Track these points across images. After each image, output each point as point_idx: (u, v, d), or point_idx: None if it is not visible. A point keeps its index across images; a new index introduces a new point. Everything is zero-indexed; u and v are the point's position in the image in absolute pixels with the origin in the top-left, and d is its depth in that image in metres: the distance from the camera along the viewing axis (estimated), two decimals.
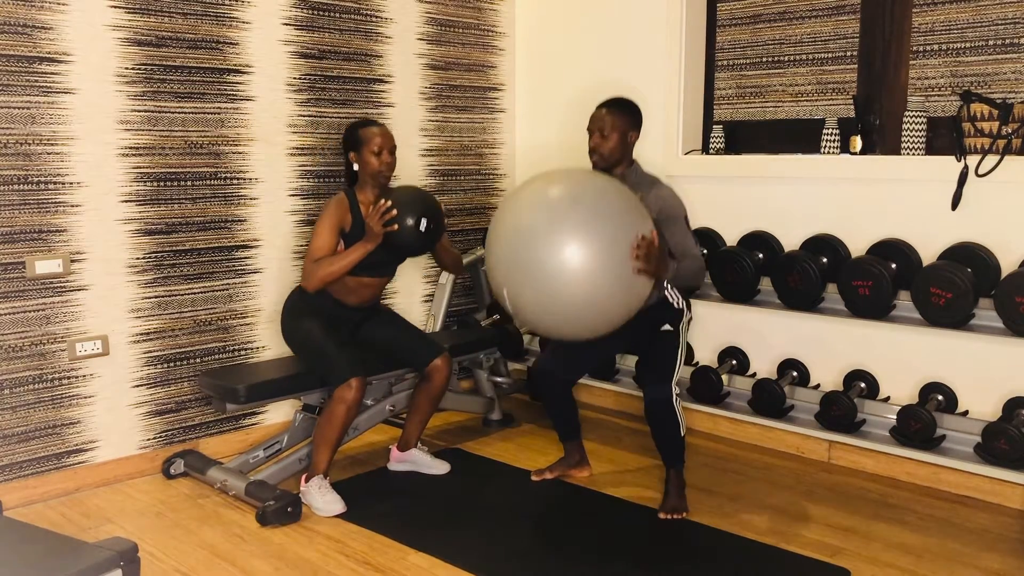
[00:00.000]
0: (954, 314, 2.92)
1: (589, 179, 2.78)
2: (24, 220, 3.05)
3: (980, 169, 2.98)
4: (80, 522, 2.99)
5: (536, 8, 4.48)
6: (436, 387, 3.33)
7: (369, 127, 3.19)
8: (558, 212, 2.62)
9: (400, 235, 3.04)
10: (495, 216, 2.82)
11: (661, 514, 2.99)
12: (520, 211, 2.71)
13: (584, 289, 2.59)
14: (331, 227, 3.10)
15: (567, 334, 2.83)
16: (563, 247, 2.55)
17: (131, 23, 3.22)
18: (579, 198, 2.65)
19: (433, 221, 3.09)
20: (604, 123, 2.98)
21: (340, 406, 3.03)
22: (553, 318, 2.70)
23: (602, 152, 2.98)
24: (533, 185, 2.78)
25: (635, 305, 2.74)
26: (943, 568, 2.67)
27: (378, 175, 3.16)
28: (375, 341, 3.33)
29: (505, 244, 2.69)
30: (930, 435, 3.06)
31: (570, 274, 2.56)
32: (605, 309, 2.68)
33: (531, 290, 2.64)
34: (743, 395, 3.59)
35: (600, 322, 2.72)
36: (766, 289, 3.44)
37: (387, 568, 2.66)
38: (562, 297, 2.61)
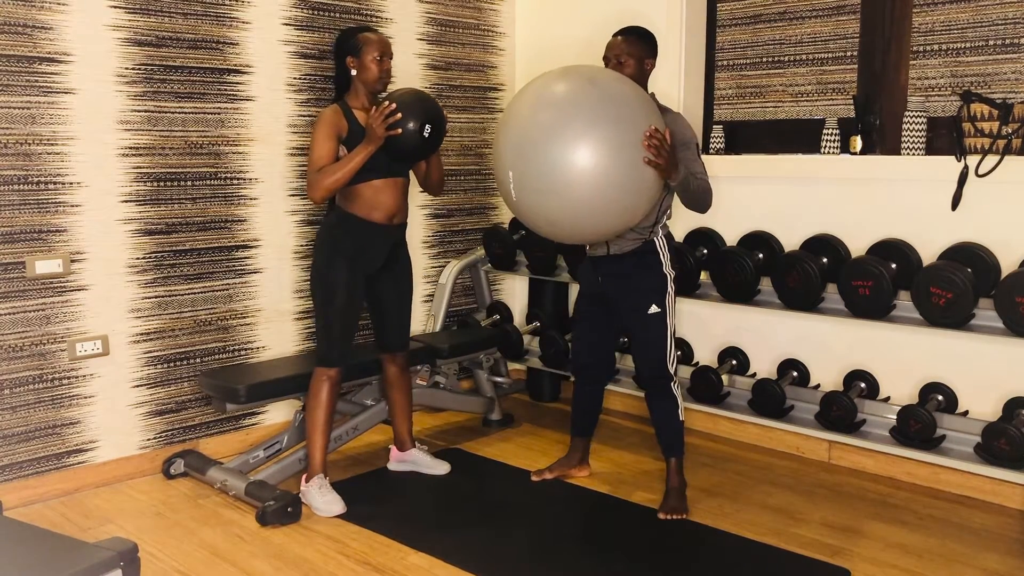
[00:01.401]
0: (954, 314, 2.92)
1: (604, 71, 2.76)
2: (24, 220, 3.05)
3: (980, 169, 2.98)
4: (80, 522, 2.99)
5: (536, 8, 4.48)
6: (393, 376, 3.34)
7: (368, 32, 3.07)
8: (571, 97, 2.57)
9: (402, 139, 2.94)
10: (508, 105, 2.75)
11: (661, 514, 3.00)
12: (533, 97, 2.65)
13: (592, 174, 2.51)
14: (328, 135, 2.99)
15: (567, 228, 2.71)
16: (574, 130, 2.49)
17: (131, 23, 3.22)
18: (594, 83, 2.61)
19: (436, 127, 3.00)
20: (620, 50, 2.93)
21: (324, 383, 3.08)
22: (557, 205, 2.59)
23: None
24: (550, 73, 2.73)
25: (640, 204, 2.66)
26: (943, 568, 2.67)
27: (376, 82, 3.06)
28: (379, 300, 3.26)
29: (516, 128, 2.62)
30: (930, 435, 3.06)
31: (580, 156, 2.49)
32: (611, 199, 2.58)
33: (538, 174, 2.55)
34: (743, 395, 3.59)
35: (604, 216, 2.63)
36: (766, 289, 3.43)
37: (387, 568, 2.66)
38: (570, 181, 2.52)
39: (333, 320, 3.08)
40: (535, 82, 2.73)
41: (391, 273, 3.22)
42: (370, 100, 3.09)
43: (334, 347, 3.09)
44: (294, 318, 3.77)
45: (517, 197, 2.64)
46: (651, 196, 2.68)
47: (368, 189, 3.04)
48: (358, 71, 3.05)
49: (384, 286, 3.23)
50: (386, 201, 3.09)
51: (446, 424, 4.04)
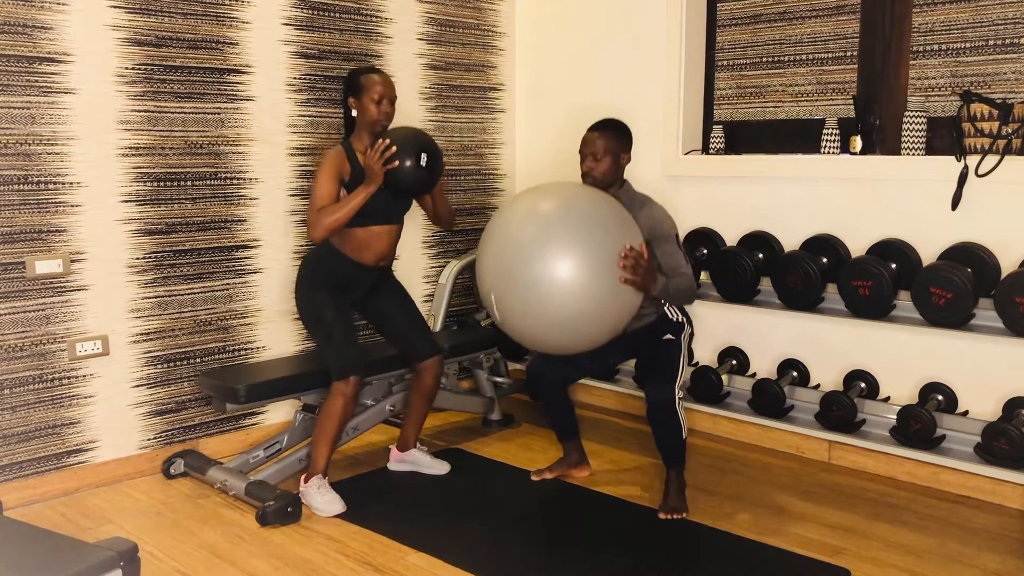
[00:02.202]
0: (954, 314, 2.92)
1: (580, 190, 2.81)
2: (24, 220, 3.05)
3: (980, 169, 2.98)
4: (80, 522, 2.99)
5: (536, 8, 4.48)
6: (428, 385, 3.33)
7: (371, 74, 3.10)
8: (548, 220, 2.66)
9: (401, 172, 2.98)
10: (487, 227, 2.83)
11: (661, 514, 2.99)
12: (511, 220, 2.75)
13: (571, 297, 2.62)
14: (331, 176, 3.02)
15: (553, 345, 2.85)
16: (551, 253, 2.59)
17: (131, 23, 3.22)
18: (570, 207, 2.69)
19: (431, 155, 3.04)
20: (596, 146, 2.97)
21: (339, 399, 3.05)
22: (539, 326, 2.72)
23: (595, 175, 2.98)
24: (525, 196, 2.82)
25: (623, 317, 2.76)
26: (943, 568, 2.67)
27: (376, 124, 3.08)
28: (382, 315, 3.29)
29: (495, 251, 2.72)
30: (930, 435, 3.06)
31: (557, 281, 2.60)
32: (591, 319, 2.70)
33: (518, 297, 2.66)
34: (743, 395, 3.59)
35: (586, 333, 2.75)
36: (766, 289, 3.44)
37: (387, 568, 2.66)
38: (549, 304, 2.63)
39: (330, 331, 3.09)
40: (514, 204, 2.82)
41: (381, 293, 3.29)
42: (372, 142, 3.11)
43: (342, 354, 3.08)
44: (294, 318, 3.77)
45: (501, 317, 2.76)
46: (632, 309, 2.78)
47: (364, 232, 3.10)
48: (358, 112, 3.10)
49: (381, 306, 3.29)
50: (378, 246, 3.15)
51: (446, 424, 4.04)
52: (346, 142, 3.12)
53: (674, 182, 3.91)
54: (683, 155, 3.90)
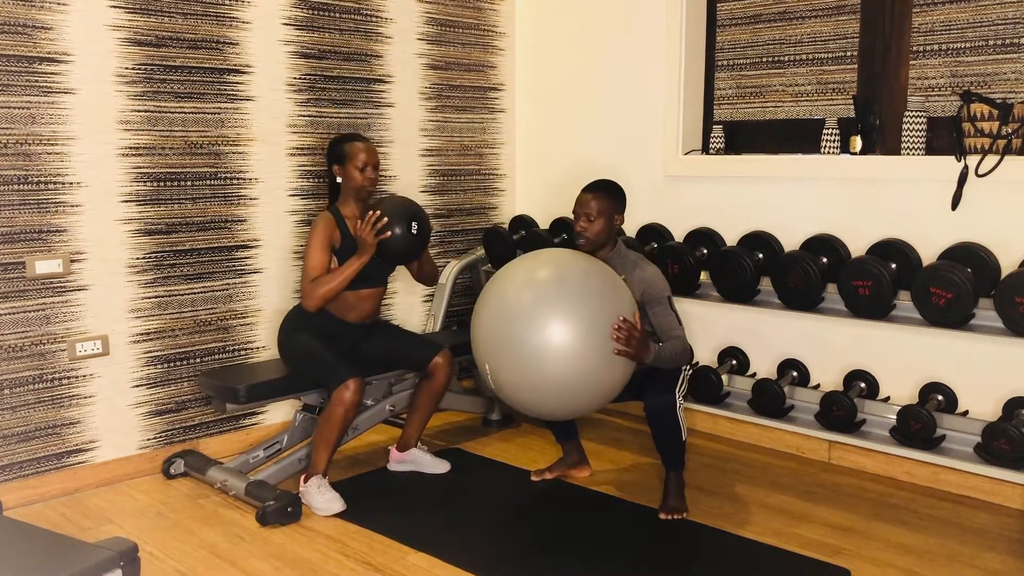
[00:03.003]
0: (954, 314, 2.92)
1: (572, 260, 2.82)
2: (24, 220, 3.05)
3: (980, 169, 2.98)
4: (80, 522, 2.99)
5: (536, 8, 4.48)
6: (438, 384, 3.34)
7: (354, 142, 3.21)
8: (541, 291, 2.69)
9: (393, 242, 3.10)
10: (480, 295, 2.86)
11: (661, 514, 2.99)
12: (504, 290, 2.77)
13: (565, 367, 2.64)
14: (322, 245, 3.12)
15: (548, 412, 2.89)
16: (545, 325, 2.62)
17: (131, 23, 3.22)
18: (562, 277, 2.72)
19: (420, 222, 3.17)
20: (591, 208, 2.99)
21: (339, 408, 3.04)
22: (534, 395, 2.74)
23: (589, 236, 3.00)
24: (518, 265, 2.85)
25: (617, 386, 2.79)
26: (943, 568, 2.67)
27: (361, 190, 3.19)
28: (375, 353, 3.35)
29: (488, 321, 2.75)
30: (930, 435, 3.05)
31: (551, 351, 2.63)
32: (586, 389, 2.73)
33: (512, 367, 2.69)
34: (743, 395, 3.59)
35: (581, 401, 2.78)
36: (766, 289, 3.43)
37: (387, 568, 2.66)
38: (543, 374, 2.66)
39: (318, 352, 3.13)
40: (507, 274, 2.84)
41: (372, 335, 3.35)
42: (359, 207, 3.20)
43: (335, 366, 3.09)
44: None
45: (495, 385, 2.78)
46: (625, 379, 2.80)
47: (352, 295, 3.19)
48: (343, 179, 3.20)
49: (374, 345, 3.34)
50: (364, 307, 3.27)
51: (446, 424, 4.04)
52: (333, 208, 3.21)
53: (674, 182, 3.91)
54: (683, 155, 3.90)
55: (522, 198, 4.65)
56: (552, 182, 4.41)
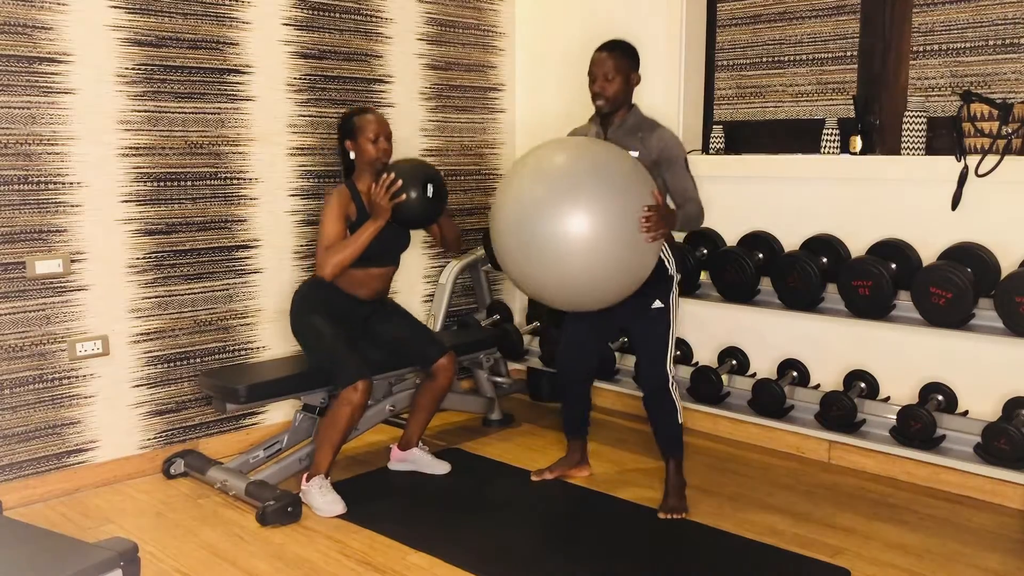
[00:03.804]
0: (954, 314, 2.92)
1: (589, 150, 2.73)
2: (24, 220, 3.05)
3: (980, 169, 2.98)
4: (80, 522, 2.99)
5: (536, 8, 4.48)
6: (440, 386, 3.34)
7: (364, 115, 3.18)
8: (563, 189, 2.60)
9: (408, 205, 3.05)
10: (498, 188, 2.80)
11: (661, 514, 2.99)
12: (524, 184, 2.69)
13: (597, 264, 2.59)
14: (337, 216, 3.09)
15: (580, 304, 2.85)
16: (572, 227, 2.54)
17: (131, 23, 3.22)
18: (582, 173, 2.62)
19: (437, 185, 3.11)
20: (607, 66, 2.91)
21: (345, 408, 3.04)
22: (568, 292, 2.71)
23: (607, 96, 2.93)
24: (535, 157, 2.75)
25: (648, 267, 2.75)
26: (943, 568, 2.67)
27: (375, 162, 3.15)
28: (383, 336, 3.32)
29: (512, 218, 2.66)
30: (930, 435, 3.05)
31: (583, 253, 2.56)
32: (618, 277, 2.68)
33: (542, 266, 2.62)
34: (743, 395, 3.59)
35: (613, 289, 2.73)
36: (766, 289, 3.43)
37: (387, 568, 2.66)
38: (577, 273, 2.61)
39: (331, 346, 3.12)
40: (524, 174, 2.75)
41: (381, 315, 3.33)
42: (374, 178, 3.16)
43: (348, 363, 3.08)
44: None
45: (532, 288, 2.76)
46: (656, 255, 2.77)
47: (362, 273, 3.17)
48: (356, 154, 3.17)
49: (382, 328, 3.32)
50: (374, 284, 3.25)
51: (446, 424, 4.04)
52: (348, 182, 3.19)
53: None
54: None
55: None
56: None
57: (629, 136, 2.95)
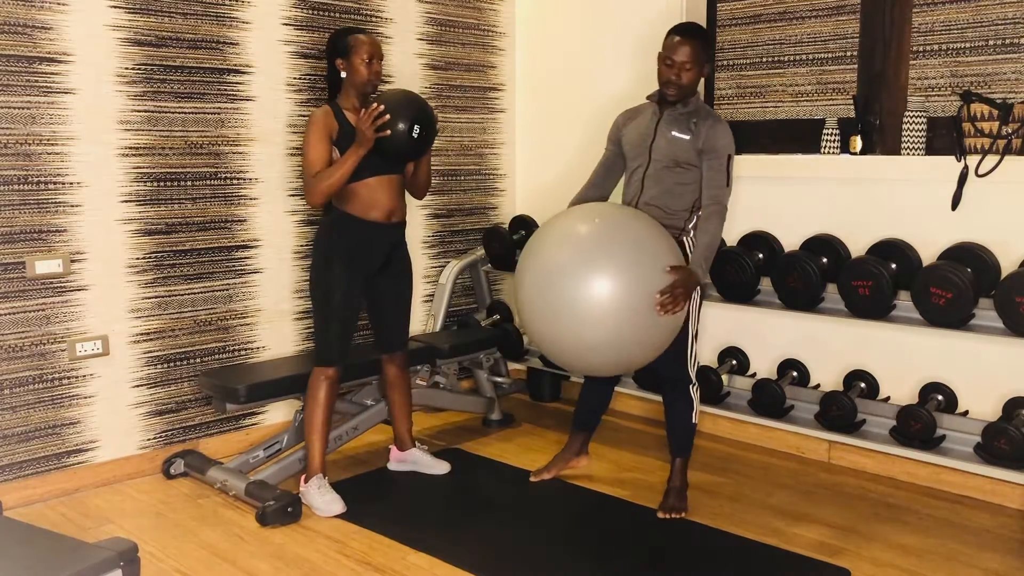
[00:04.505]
0: (954, 314, 2.92)
1: (605, 229, 2.76)
2: (24, 220, 3.05)
3: (980, 169, 2.98)
4: (80, 522, 2.99)
5: (536, 8, 4.48)
6: (390, 377, 3.35)
7: (358, 34, 3.07)
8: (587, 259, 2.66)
9: (391, 140, 2.93)
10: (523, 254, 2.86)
11: (660, 513, 2.99)
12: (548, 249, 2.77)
13: (614, 331, 2.63)
14: (321, 138, 3.00)
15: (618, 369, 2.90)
16: (594, 292, 2.59)
17: (131, 23, 3.22)
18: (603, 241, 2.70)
19: (426, 127, 2.99)
20: (686, 56, 2.80)
21: (322, 383, 3.07)
22: (588, 359, 2.77)
23: (680, 84, 2.83)
24: (558, 228, 2.81)
25: (671, 333, 2.77)
26: (943, 568, 2.67)
27: (366, 84, 3.06)
28: (379, 299, 3.24)
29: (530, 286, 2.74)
30: (930, 435, 3.05)
31: (601, 319, 2.60)
32: (650, 343, 2.72)
33: (559, 328, 2.68)
34: (743, 395, 3.59)
35: (650, 351, 2.76)
36: (766, 289, 3.43)
37: (387, 568, 2.66)
38: (607, 344, 2.65)
39: (331, 319, 3.08)
40: (554, 228, 2.82)
41: (390, 274, 3.22)
42: (360, 101, 3.09)
43: (332, 346, 3.09)
44: (294, 318, 3.78)
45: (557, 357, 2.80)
46: (677, 326, 2.78)
47: (363, 188, 3.05)
48: (347, 73, 3.06)
49: (383, 287, 3.23)
50: (382, 199, 3.09)
51: (446, 424, 4.04)
52: (332, 102, 3.09)
53: None
54: None
55: (522, 198, 4.65)
56: (552, 182, 4.41)
57: (683, 121, 2.89)
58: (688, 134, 2.86)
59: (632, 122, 3.04)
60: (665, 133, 2.88)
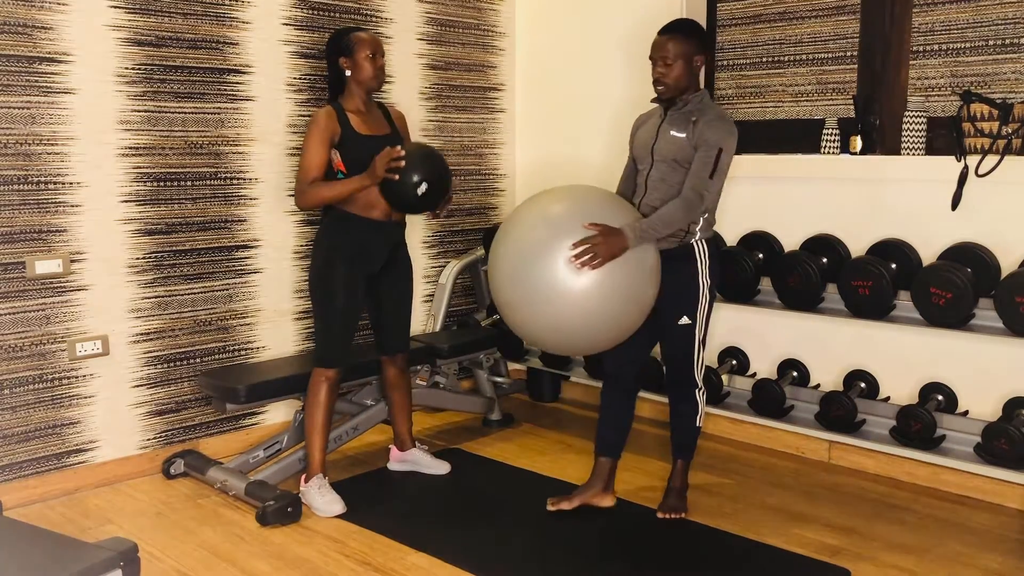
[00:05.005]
0: (954, 314, 2.92)
1: (558, 196, 2.82)
2: (24, 220, 3.05)
3: (980, 169, 2.98)
4: (80, 522, 2.99)
5: (536, 8, 4.48)
6: (390, 378, 3.35)
7: (359, 32, 3.07)
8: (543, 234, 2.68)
9: (396, 186, 2.92)
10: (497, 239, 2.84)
11: (660, 513, 2.99)
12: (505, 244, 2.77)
13: (585, 308, 2.62)
14: (321, 141, 2.98)
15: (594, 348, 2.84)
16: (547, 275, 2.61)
17: (131, 23, 3.22)
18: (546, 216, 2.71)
19: (433, 188, 2.96)
20: (667, 51, 2.78)
21: (323, 385, 3.07)
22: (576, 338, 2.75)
23: (667, 82, 2.80)
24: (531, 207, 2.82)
25: (647, 299, 2.73)
26: (943, 568, 2.67)
27: (373, 80, 3.05)
28: (381, 300, 3.23)
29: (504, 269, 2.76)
30: (930, 435, 3.05)
31: (557, 302, 2.62)
32: (613, 317, 2.68)
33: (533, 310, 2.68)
34: (743, 395, 3.59)
35: (615, 327, 2.72)
36: (766, 289, 3.43)
37: (387, 568, 2.66)
38: (570, 318, 2.64)
39: (332, 320, 3.08)
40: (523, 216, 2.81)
41: (391, 275, 3.22)
42: (365, 102, 3.09)
43: (333, 348, 3.09)
44: (294, 318, 3.78)
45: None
46: (649, 281, 2.74)
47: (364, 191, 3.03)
48: (352, 71, 3.05)
49: (384, 289, 3.22)
50: (380, 201, 3.07)
51: (446, 424, 4.04)
52: (335, 102, 3.08)
53: None
54: None
55: (522, 198, 4.65)
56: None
57: (683, 119, 2.82)
58: (685, 132, 2.80)
59: (643, 126, 3.00)
60: (665, 133, 2.85)
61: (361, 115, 3.08)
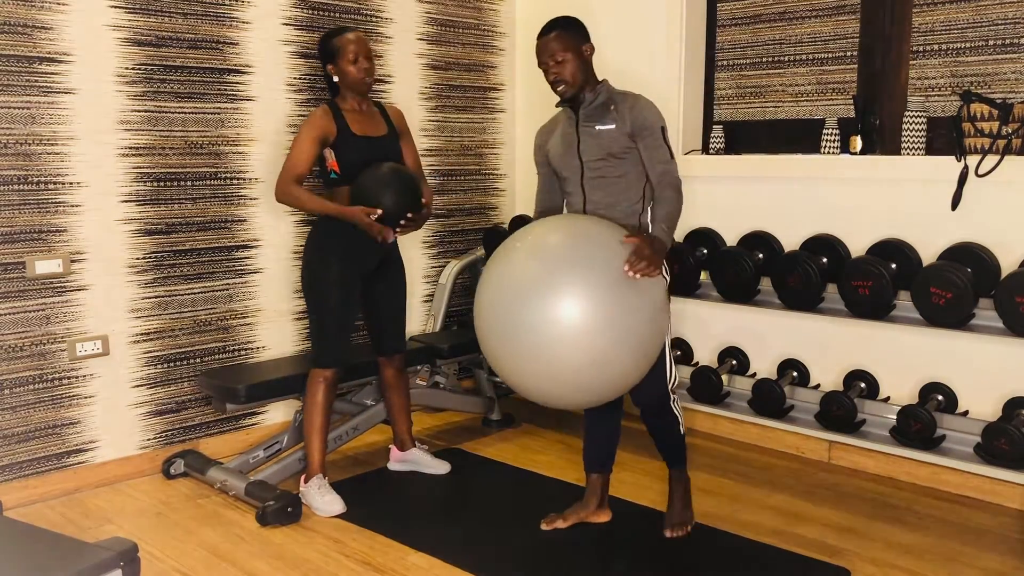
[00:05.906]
0: (954, 314, 2.92)
1: (543, 233, 2.52)
2: (24, 220, 3.05)
3: (980, 169, 2.98)
4: (80, 522, 2.99)
5: (536, 8, 4.48)
6: (387, 379, 3.34)
7: (342, 35, 3.06)
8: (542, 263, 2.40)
9: (383, 219, 2.97)
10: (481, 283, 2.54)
11: (667, 532, 2.85)
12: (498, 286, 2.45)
13: (597, 327, 2.32)
14: (313, 138, 2.99)
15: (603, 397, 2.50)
16: (562, 308, 2.29)
17: (131, 23, 3.22)
18: (551, 255, 2.41)
19: (388, 215, 2.96)
20: (553, 49, 2.70)
21: (320, 385, 3.07)
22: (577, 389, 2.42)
23: (566, 78, 2.70)
24: (506, 255, 2.51)
25: (658, 329, 2.47)
26: (943, 568, 2.67)
27: (360, 84, 3.06)
28: (375, 301, 3.23)
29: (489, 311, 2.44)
30: (930, 435, 3.06)
31: (571, 316, 2.29)
32: (639, 348, 2.40)
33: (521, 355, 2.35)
34: (743, 395, 3.59)
35: (640, 363, 2.43)
36: (766, 289, 3.44)
37: (387, 568, 2.66)
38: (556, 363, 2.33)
39: (327, 320, 3.08)
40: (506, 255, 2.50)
41: (385, 276, 3.22)
42: (360, 102, 3.11)
43: (329, 347, 3.08)
44: (294, 318, 3.78)
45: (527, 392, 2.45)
46: (658, 313, 2.44)
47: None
48: (339, 76, 3.08)
49: (378, 290, 3.23)
50: None
51: (446, 424, 4.04)
52: (332, 102, 3.10)
53: None
54: (683, 155, 3.90)
55: (522, 198, 4.65)
56: None
57: (601, 112, 2.72)
58: (612, 122, 2.69)
59: (552, 136, 2.87)
60: (588, 131, 2.73)
61: (358, 115, 3.09)
